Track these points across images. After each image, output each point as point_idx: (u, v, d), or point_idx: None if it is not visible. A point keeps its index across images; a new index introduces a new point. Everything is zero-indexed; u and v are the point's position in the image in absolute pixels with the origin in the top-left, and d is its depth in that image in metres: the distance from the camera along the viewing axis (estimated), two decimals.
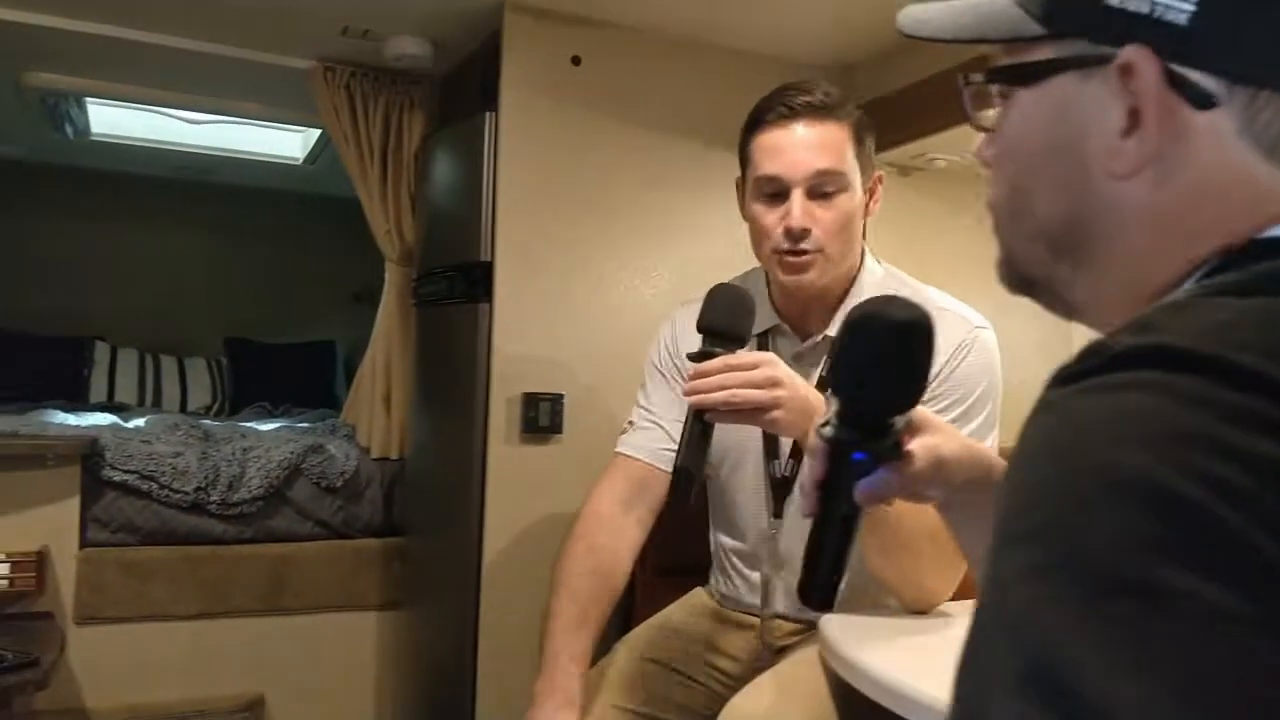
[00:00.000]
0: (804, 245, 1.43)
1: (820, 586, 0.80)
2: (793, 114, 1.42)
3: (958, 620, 1.47)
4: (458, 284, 2.36)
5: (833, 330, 1.50)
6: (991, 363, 1.45)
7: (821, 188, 1.42)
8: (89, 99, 3.19)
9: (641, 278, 2.35)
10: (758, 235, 1.50)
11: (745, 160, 1.51)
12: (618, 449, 1.59)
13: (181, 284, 4.48)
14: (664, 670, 1.60)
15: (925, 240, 2.50)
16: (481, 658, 2.23)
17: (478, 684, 2.23)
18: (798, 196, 1.42)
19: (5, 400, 3.45)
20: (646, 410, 1.60)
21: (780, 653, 1.56)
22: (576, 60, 2.29)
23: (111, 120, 3.46)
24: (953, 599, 1.49)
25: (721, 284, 1.39)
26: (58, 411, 3.24)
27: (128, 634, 2.48)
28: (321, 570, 2.68)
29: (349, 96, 2.69)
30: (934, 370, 0.79)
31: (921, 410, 0.82)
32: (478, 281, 2.27)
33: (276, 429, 3.13)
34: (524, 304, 2.27)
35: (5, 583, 2.30)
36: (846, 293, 1.52)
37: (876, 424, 0.77)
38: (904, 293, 1.49)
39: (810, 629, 1.57)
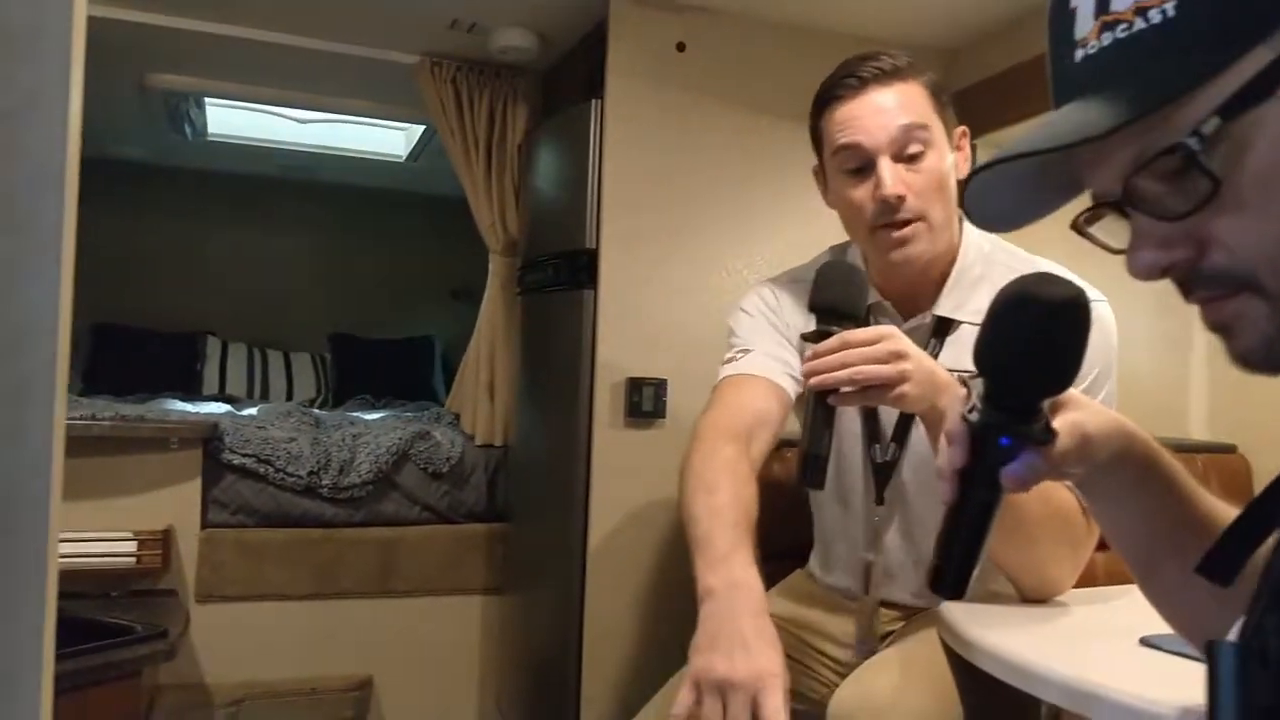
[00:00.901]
0: (903, 215, 1.35)
1: (954, 575, 0.78)
2: (863, 83, 1.35)
3: (1078, 607, 1.43)
4: (562, 271, 2.39)
5: (941, 309, 1.43)
6: (1109, 338, 1.38)
7: (908, 148, 1.34)
8: (207, 98, 3.32)
9: (745, 262, 2.34)
10: (849, 215, 1.42)
11: (820, 142, 1.44)
12: (730, 373, 1.44)
13: (287, 281, 4.63)
14: None
15: (1035, 225, 2.44)
16: (586, 640, 2.25)
17: (583, 666, 2.25)
18: (885, 163, 1.34)
19: (126, 391, 3.62)
20: (752, 336, 1.49)
21: (885, 638, 1.53)
22: (681, 46, 2.30)
23: (226, 121, 3.60)
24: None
25: (830, 261, 1.36)
26: (176, 401, 3.39)
27: (244, 613, 2.57)
28: (428, 554, 2.73)
29: (455, 91, 2.75)
30: None
31: None
32: (582, 268, 2.29)
33: (383, 418, 3.21)
34: (628, 290, 2.28)
35: (132, 560, 2.41)
36: (951, 265, 1.44)
37: (1026, 407, 0.74)
38: (1014, 264, 1.45)
39: (916, 613, 1.54)
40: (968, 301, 1.43)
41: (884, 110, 1.34)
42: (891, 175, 1.34)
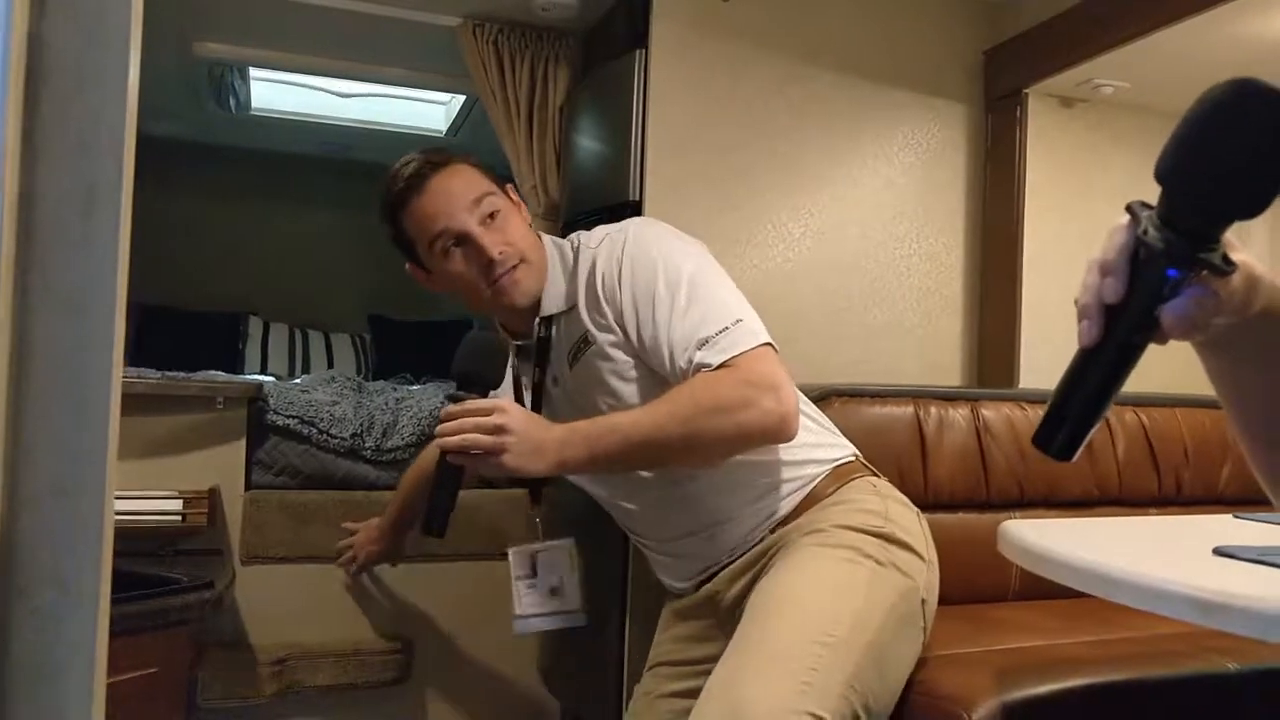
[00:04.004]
0: (509, 263, 1.53)
1: (1070, 430, 0.67)
2: (422, 177, 1.56)
3: (1145, 527, 1.41)
4: (604, 223, 2.37)
5: (545, 312, 1.56)
6: None
7: (485, 213, 1.53)
8: (252, 68, 3.34)
9: (789, 214, 2.32)
10: (465, 290, 1.57)
11: (405, 241, 1.65)
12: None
13: (327, 262, 4.65)
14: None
15: (1087, 175, 2.39)
16: (630, 604, 2.22)
17: (626, 631, 2.22)
18: (475, 230, 1.52)
19: (170, 369, 3.64)
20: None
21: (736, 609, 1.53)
22: None
23: (269, 96, 3.63)
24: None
25: (473, 333, 1.54)
26: (219, 373, 3.40)
27: (288, 574, 2.56)
28: (470, 518, 2.71)
29: (496, 53, 2.74)
30: None
31: None
32: (624, 219, 2.27)
33: (425, 387, 3.21)
34: None
35: (178, 518, 2.41)
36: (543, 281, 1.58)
37: (1208, 232, 0.63)
38: (601, 237, 1.62)
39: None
40: (564, 291, 1.58)
41: (451, 191, 1.55)
42: (485, 238, 1.53)
